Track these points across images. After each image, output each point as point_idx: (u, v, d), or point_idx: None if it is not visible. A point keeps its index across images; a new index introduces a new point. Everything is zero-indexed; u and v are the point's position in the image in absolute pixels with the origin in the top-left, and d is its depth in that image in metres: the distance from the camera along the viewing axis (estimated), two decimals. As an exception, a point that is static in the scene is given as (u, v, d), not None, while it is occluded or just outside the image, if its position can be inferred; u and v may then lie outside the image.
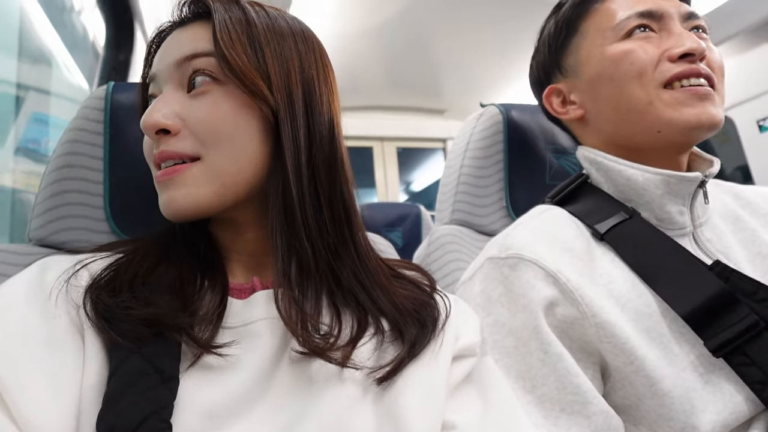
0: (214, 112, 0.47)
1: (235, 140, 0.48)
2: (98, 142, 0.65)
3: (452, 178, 0.89)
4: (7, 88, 1.41)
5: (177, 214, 0.48)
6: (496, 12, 2.46)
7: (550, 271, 0.57)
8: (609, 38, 0.66)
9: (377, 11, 2.48)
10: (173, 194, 0.48)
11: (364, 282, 0.51)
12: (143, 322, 0.42)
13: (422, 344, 0.49)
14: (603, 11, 0.68)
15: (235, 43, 0.47)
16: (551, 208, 0.69)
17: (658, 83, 0.62)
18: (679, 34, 0.63)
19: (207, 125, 0.47)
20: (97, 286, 0.45)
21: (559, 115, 0.73)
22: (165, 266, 0.49)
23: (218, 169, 0.47)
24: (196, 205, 0.48)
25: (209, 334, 0.44)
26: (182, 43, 0.49)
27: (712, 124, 0.61)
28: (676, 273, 0.58)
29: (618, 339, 0.54)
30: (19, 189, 1.43)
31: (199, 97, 0.48)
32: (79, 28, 1.77)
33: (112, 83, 0.68)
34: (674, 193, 0.63)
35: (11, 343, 0.40)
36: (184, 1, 0.52)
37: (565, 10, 0.72)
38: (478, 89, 3.32)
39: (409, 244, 1.88)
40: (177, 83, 0.49)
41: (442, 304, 0.55)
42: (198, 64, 0.48)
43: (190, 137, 0.47)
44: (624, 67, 0.64)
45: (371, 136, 3.70)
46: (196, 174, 0.47)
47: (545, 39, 0.75)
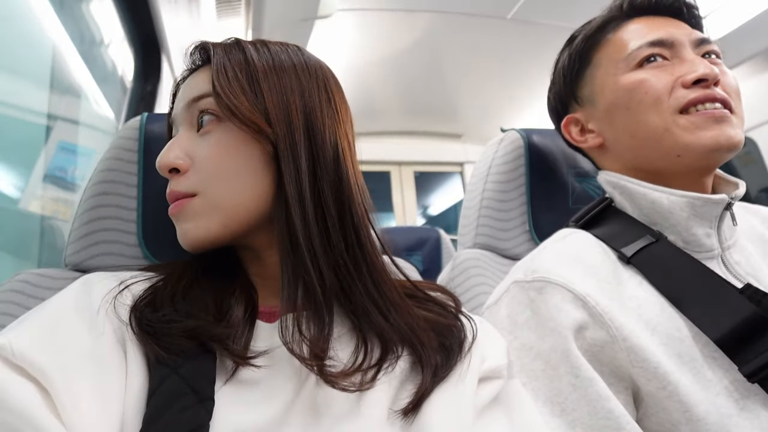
0: (217, 149, 0.51)
1: (234, 174, 0.51)
2: (132, 170, 0.67)
3: (474, 202, 0.90)
4: (38, 119, 1.46)
5: (191, 245, 0.52)
6: (511, 40, 2.49)
7: (579, 294, 0.57)
8: (622, 68, 0.67)
9: (395, 40, 2.54)
10: (184, 227, 0.52)
11: (380, 305, 0.51)
12: (184, 334, 0.45)
13: (447, 370, 0.49)
14: (615, 42, 0.69)
15: (231, 83, 0.51)
16: (576, 232, 0.69)
17: (673, 109, 0.63)
18: (691, 61, 0.64)
19: (210, 162, 0.51)
20: (139, 305, 0.47)
21: (578, 143, 0.75)
22: (199, 286, 0.51)
23: (216, 201, 0.51)
24: (204, 236, 0.51)
25: (242, 346, 0.46)
26: (191, 87, 0.54)
27: (731, 145, 0.61)
28: (706, 297, 0.57)
29: (650, 363, 0.53)
30: (47, 216, 1.47)
31: (206, 135, 0.52)
32: (108, 62, 1.84)
33: (145, 114, 0.70)
34: (700, 215, 0.63)
35: (64, 356, 0.41)
36: (190, 51, 0.57)
37: (578, 42, 0.74)
38: (495, 114, 3.34)
39: (429, 268, 1.87)
40: (189, 124, 0.54)
41: (469, 326, 0.55)
42: (203, 104, 0.52)
43: (194, 175, 0.52)
44: (639, 96, 0.64)
45: (389, 160, 3.74)
46: (196, 207, 0.51)
47: (560, 71, 0.76)
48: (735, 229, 0.67)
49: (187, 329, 0.45)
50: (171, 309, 0.47)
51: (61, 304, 0.46)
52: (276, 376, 0.46)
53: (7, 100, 1.34)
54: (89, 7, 1.66)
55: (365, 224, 0.54)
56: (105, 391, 0.42)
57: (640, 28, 0.68)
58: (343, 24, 2.31)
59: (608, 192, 0.71)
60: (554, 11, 2.24)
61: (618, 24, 0.70)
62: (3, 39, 1.31)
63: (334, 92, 0.56)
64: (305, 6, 2.00)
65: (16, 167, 1.41)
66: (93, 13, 1.67)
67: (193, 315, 0.47)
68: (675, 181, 0.64)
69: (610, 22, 0.71)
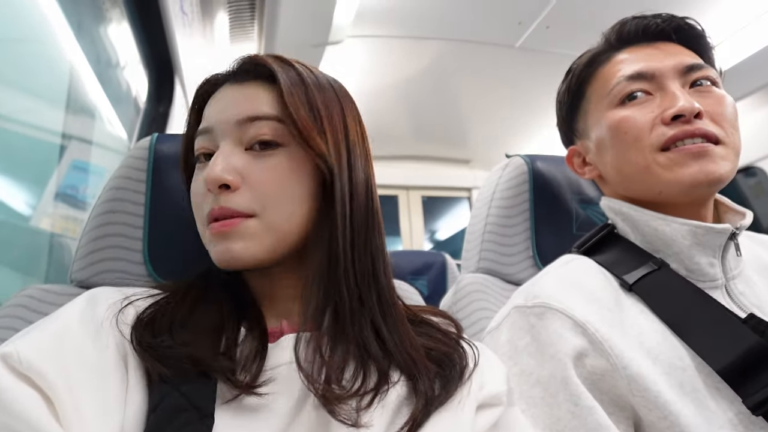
0: (276, 173, 0.50)
1: (291, 199, 0.51)
2: (140, 189, 0.69)
3: (478, 226, 0.90)
4: (53, 138, 1.49)
5: (232, 265, 0.50)
6: (520, 67, 2.52)
7: (579, 321, 0.56)
8: (606, 104, 0.67)
9: (405, 66, 2.58)
10: (231, 246, 0.49)
11: (383, 332, 0.51)
12: (187, 361, 0.44)
13: (445, 397, 0.48)
14: (602, 76, 0.69)
15: (299, 107, 0.51)
16: (578, 258, 0.69)
17: (654, 147, 0.62)
18: (672, 94, 0.63)
19: (268, 186, 0.50)
20: (140, 325, 0.47)
21: (580, 175, 0.75)
22: (203, 308, 0.51)
23: (273, 225, 0.50)
24: (252, 258, 0.50)
25: (250, 378, 0.45)
26: (240, 102, 0.52)
27: (710, 180, 0.60)
28: (709, 326, 0.56)
29: (650, 393, 0.52)
30: (57, 233, 1.49)
31: (262, 158, 0.51)
32: (122, 83, 1.88)
33: (155, 135, 0.72)
34: (703, 244, 0.62)
35: (69, 367, 0.42)
36: (243, 61, 0.55)
37: (572, 75, 0.74)
38: (504, 140, 3.36)
39: (434, 293, 1.87)
40: (236, 140, 0.51)
41: (471, 353, 0.54)
42: (261, 126, 0.51)
43: (248, 194, 0.50)
44: (620, 135, 0.64)
45: (397, 184, 3.75)
46: (251, 228, 0.50)
47: (559, 103, 0.77)
48: (740, 260, 0.66)
49: (188, 356, 0.45)
50: (168, 336, 0.46)
51: (67, 317, 0.47)
52: (276, 395, 0.46)
53: (25, 119, 1.37)
54: (107, 29, 1.71)
55: (383, 253, 0.54)
56: (107, 403, 0.42)
57: (625, 60, 0.67)
58: (354, 50, 2.35)
59: (611, 218, 0.71)
60: (562, 40, 2.26)
61: (607, 56, 0.70)
62: (23, 60, 1.35)
63: (360, 120, 0.57)
64: (317, 32, 2.05)
65: (30, 185, 1.44)
66: (110, 35, 1.72)
67: (192, 343, 0.46)
68: (672, 211, 0.64)
69: (599, 54, 0.71)
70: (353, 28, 2.13)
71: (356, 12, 2.01)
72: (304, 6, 1.86)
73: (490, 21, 2.21)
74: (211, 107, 0.54)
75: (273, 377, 0.47)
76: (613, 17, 0.72)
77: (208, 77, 0.57)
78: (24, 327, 0.60)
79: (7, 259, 1.30)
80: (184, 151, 0.58)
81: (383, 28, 2.26)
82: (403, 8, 2.11)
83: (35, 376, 0.40)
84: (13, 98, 1.31)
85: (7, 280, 1.28)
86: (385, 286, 0.53)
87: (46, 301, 0.64)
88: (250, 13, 1.89)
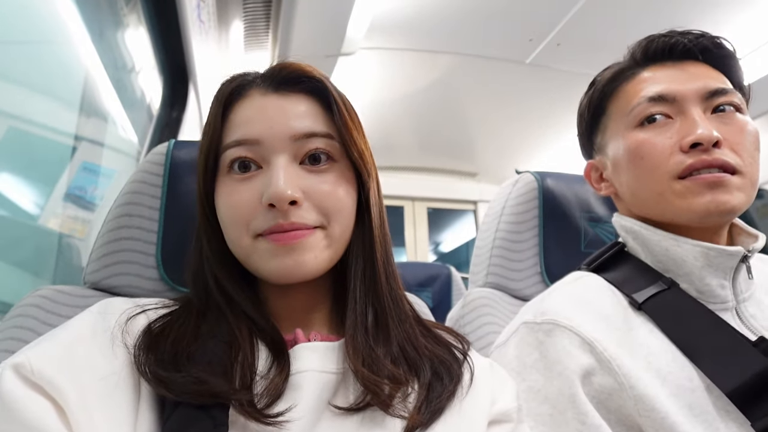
0: (335, 189, 0.52)
1: (346, 213, 0.53)
2: (156, 194, 0.69)
3: (487, 241, 0.91)
4: (65, 139, 1.51)
5: (296, 277, 0.50)
6: (529, 84, 2.54)
7: (587, 338, 0.56)
8: (625, 124, 0.66)
9: (415, 79, 2.60)
10: (302, 257, 0.50)
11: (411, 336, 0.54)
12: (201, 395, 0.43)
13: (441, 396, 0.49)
14: (623, 94, 0.68)
15: (350, 129, 0.53)
16: (587, 275, 0.69)
17: (671, 175, 0.61)
18: (693, 121, 0.61)
19: (329, 200, 0.52)
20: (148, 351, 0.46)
21: (596, 190, 0.74)
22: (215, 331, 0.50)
23: (335, 237, 0.52)
24: (318, 268, 0.51)
25: (265, 403, 0.45)
26: (291, 117, 0.52)
27: (721, 211, 0.59)
28: (718, 347, 0.56)
29: (657, 413, 0.52)
30: (65, 233, 1.50)
31: (319, 173, 0.52)
32: (136, 88, 1.90)
33: (173, 141, 0.73)
34: (714, 266, 0.62)
35: (81, 377, 0.42)
36: (283, 69, 0.54)
37: (596, 88, 0.73)
38: (511, 155, 3.37)
39: (439, 305, 1.86)
40: (291, 156, 0.52)
41: (468, 364, 0.55)
42: (317, 143, 0.52)
43: (313, 209, 0.51)
44: (637, 160, 0.64)
45: (402, 195, 3.75)
46: (319, 239, 0.51)
47: (580, 116, 0.76)
48: (751, 283, 0.65)
49: (209, 393, 0.43)
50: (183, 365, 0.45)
51: (80, 327, 0.47)
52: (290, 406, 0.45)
53: (38, 119, 1.38)
54: (123, 34, 1.73)
55: (392, 258, 0.58)
56: (118, 415, 0.42)
57: (649, 80, 0.66)
58: (365, 61, 2.37)
59: (621, 236, 0.71)
60: (573, 58, 2.28)
61: (632, 73, 0.69)
62: (40, 62, 1.37)
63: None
64: (330, 43, 2.07)
65: (40, 185, 1.45)
66: (126, 40, 1.74)
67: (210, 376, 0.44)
68: (686, 233, 0.64)
69: (624, 71, 0.70)
70: (366, 40, 2.15)
71: (370, 24, 2.03)
72: (319, 17, 1.88)
73: (501, 37, 2.23)
74: (252, 116, 0.52)
75: (290, 385, 0.47)
76: (624, 36, 0.71)
77: (235, 76, 0.56)
78: (38, 327, 0.61)
79: (16, 259, 1.31)
80: (207, 154, 0.54)
81: (395, 41, 2.28)
82: (415, 22, 2.13)
83: (47, 386, 0.41)
84: (28, 99, 1.33)
85: (16, 280, 1.29)
86: (399, 296, 0.57)
87: (59, 302, 0.65)
88: (265, 23, 1.92)
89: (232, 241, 0.52)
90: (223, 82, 0.56)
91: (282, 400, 0.46)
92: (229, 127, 0.53)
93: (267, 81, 0.54)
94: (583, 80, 0.77)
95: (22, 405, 0.39)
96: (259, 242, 0.51)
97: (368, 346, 0.50)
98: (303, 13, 1.81)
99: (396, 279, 0.57)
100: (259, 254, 0.51)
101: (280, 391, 0.46)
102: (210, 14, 1.60)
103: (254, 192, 0.50)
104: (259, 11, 1.85)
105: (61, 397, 0.40)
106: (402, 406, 0.47)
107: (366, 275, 0.53)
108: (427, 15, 2.08)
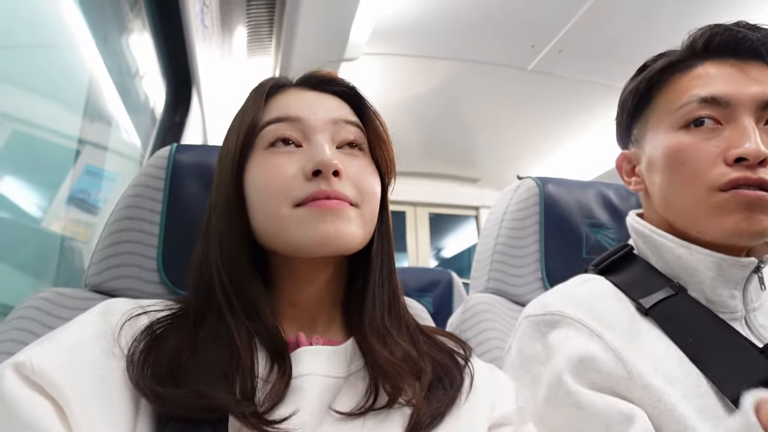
0: (366, 172, 0.55)
1: (375, 198, 0.55)
2: (158, 197, 0.70)
3: (488, 246, 0.91)
4: (69, 143, 1.51)
5: (333, 245, 0.50)
6: (531, 90, 2.54)
7: (596, 331, 0.56)
8: (669, 122, 0.62)
9: (417, 84, 2.60)
10: (341, 227, 0.50)
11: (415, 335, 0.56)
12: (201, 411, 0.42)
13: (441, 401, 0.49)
14: (674, 87, 0.63)
15: (376, 125, 0.58)
16: (594, 278, 0.67)
17: (710, 187, 0.57)
18: (743, 130, 0.57)
19: (362, 180, 0.54)
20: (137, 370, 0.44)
21: (626, 183, 0.70)
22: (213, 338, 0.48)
23: (367, 218, 0.54)
24: (353, 242, 0.52)
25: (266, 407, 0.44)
26: (330, 106, 0.56)
27: (753, 232, 0.56)
28: (726, 354, 0.55)
29: (665, 405, 0.51)
30: (67, 236, 1.51)
31: (353, 157, 0.55)
32: (140, 92, 1.91)
33: (175, 144, 0.73)
34: (726, 276, 0.60)
35: (81, 377, 0.42)
36: (320, 74, 0.59)
37: (645, 75, 0.66)
38: (512, 160, 3.37)
39: (440, 311, 1.86)
40: (330, 137, 0.54)
41: (468, 369, 0.54)
42: (350, 129, 0.56)
43: (350, 185, 0.53)
44: (676, 165, 0.60)
45: (404, 200, 3.76)
46: (354, 215, 0.52)
47: (622, 103, 0.70)
48: (762, 293, 0.64)
49: (209, 408, 0.42)
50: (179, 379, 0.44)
51: (81, 328, 0.47)
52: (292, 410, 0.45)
53: (43, 123, 1.39)
54: (128, 39, 1.74)
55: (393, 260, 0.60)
56: (118, 415, 0.42)
57: (704, 77, 0.61)
58: (368, 67, 2.38)
59: (632, 238, 0.69)
60: (575, 65, 2.28)
61: (687, 65, 0.63)
62: (44, 66, 1.38)
63: None
64: (333, 49, 2.08)
65: (43, 188, 1.46)
66: (130, 45, 1.75)
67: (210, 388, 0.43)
68: (706, 243, 0.61)
69: (679, 62, 0.64)
70: (368, 45, 2.16)
71: (372, 30, 2.04)
72: (322, 23, 1.89)
73: (504, 43, 2.24)
74: (293, 102, 0.56)
75: (291, 389, 0.47)
76: (626, 43, 0.71)
77: (277, 78, 0.60)
78: (38, 329, 0.61)
79: (18, 261, 1.32)
80: (240, 131, 0.54)
81: (398, 47, 2.29)
82: (418, 28, 2.14)
83: (48, 385, 0.41)
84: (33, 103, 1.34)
85: (18, 282, 1.29)
86: (400, 291, 0.59)
87: (61, 305, 0.65)
88: (269, 28, 1.93)
89: (266, 214, 0.51)
90: (269, 80, 0.60)
91: (284, 405, 0.45)
92: (267, 111, 0.56)
93: (303, 82, 0.60)
94: (584, 87, 0.77)
95: (22, 405, 0.39)
96: (298, 211, 0.50)
97: (384, 326, 0.52)
98: (306, 18, 1.82)
99: (394, 280, 0.58)
100: (298, 222, 0.50)
101: (282, 395, 0.45)
102: (213, 19, 1.61)
103: (296, 165, 0.52)
104: (262, 16, 1.86)
105: (61, 397, 0.40)
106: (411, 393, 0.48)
107: (384, 268, 0.56)
108: (429, 21, 2.09)
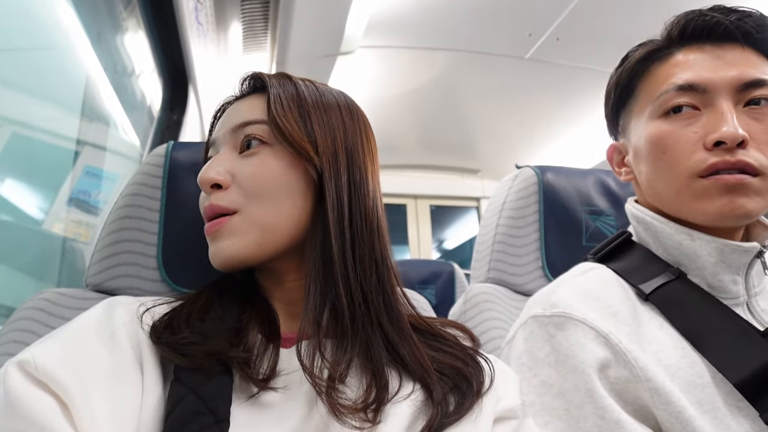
0: (261, 169, 0.53)
1: (276, 194, 0.53)
2: (156, 195, 0.70)
3: (488, 236, 0.91)
4: (68, 144, 1.51)
5: (224, 263, 0.53)
6: (529, 79, 2.53)
7: (601, 331, 0.55)
8: (650, 111, 0.62)
9: (415, 76, 2.60)
10: (220, 244, 0.53)
11: (392, 338, 0.52)
12: (204, 355, 0.46)
13: (460, 413, 0.48)
14: (654, 76, 0.63)
15: (286, 112, 0.54)
16: (595, 267, 0.66)
17: (692, 173, 0.58)
18: (720, 114, 0.57)
19: (253, 180, 0.53)
20: (159, 327, 0.49)
21: (616, 174, 0.71)
22: (218, 309, 0.52)
23: (255, 220, 0.52)
24: (239, 253, 0.52)
25: (266, 372, 0.47)
26: (238, 113, 0.57)
27: (737, 215, 0.56)
28: (727, 338, 0.55)
29: (674, 407, 0.51)
30: (69, 237, 1.51)
31: (250, 157, 0.54)
32: (137, 91, 1.91)
33: (171, 142, 0.73)
34: (728, 262, 0.59)
35: (84, 373, 0.43)
36: (244, 78, 0.60)
37: (626, 65, 0.67)
38: (512, 150, 3.37)
39: (442, 302, 1.86)
40: (231, 146, 0.56)
41: (487, 370, 0.54)
42: (251, 129, 0.55)
43: (235, 192, 0.53)
44: (657, 153, 0.61)
45: (405, 193, 3.76)
46: (235, 224, 0.53)
47: (608, 93, 0.70)
48: (765, 277, 0.63)
49: (207, 352, 0.46)
50: (188, 331, 0.48)
51: (83, 324, 0.48)
52: (289, 400, 0.47)
53: (41, 125, 1.39)
54: (123, 39, 1.74)
55: (389, 258, 0.56)
56: (121, 407, 0.43)
57: (682, 64, 0.61)
58: (365, 60, 2.37)
59: (632, 225, 0.69)
60: (572, 52, 2.27)
61: (665, 54, 0.63)
62: (41, 68, 1.38)
63: (370, 135, 0.60)
64: (328, 43, 2.07)
65: (43, 189, 1.46)
66: (126, 44, 1.75)
67: (211, 337, 0.48)
68: (701, 228, 0.61)
69: (657, 51, 0.64)
70: (364, 38, 2.15)
71: (368, 23, 2.03)
72: (317, 17, 1.88)
73: (500, 32, 2.23)
74: (218, 123, 0.60)
75: (287, 382, 0.47)
76: (624, 31, 0.71)
77: (224, 101, 0.62)
78: (40, 330, 0.61)
79: (20, 263, 1.32)
80: (205, 159, 0.61)
81: (394, 39, 2.28)
82: (413, 19, 2.13)
83: (51, 382, 0.41)
84: (30, 105, 1.34)
85: (20, 284, 1.30)
86: (390, 293, 0.54)
87: (62, 305, 0.65)
88: (263, 24, 1.92)
89: None
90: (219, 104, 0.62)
91: (283, 394, 0.47)
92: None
93: (239, 93, 0.61)
94: (582, 74, 0.77)
95: (26, 402, 0.40)
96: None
97: (317, 347, 0.48)
98: (301, 13, 1.81)
99: (386, 280, 0.54)
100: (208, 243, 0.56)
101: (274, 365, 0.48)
102: (208, 16, 1.61)
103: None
104: (257, 12, 1.85)
105: (64, 393, 0.41)
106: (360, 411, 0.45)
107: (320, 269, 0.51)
108: (425, 12, 2.08)
